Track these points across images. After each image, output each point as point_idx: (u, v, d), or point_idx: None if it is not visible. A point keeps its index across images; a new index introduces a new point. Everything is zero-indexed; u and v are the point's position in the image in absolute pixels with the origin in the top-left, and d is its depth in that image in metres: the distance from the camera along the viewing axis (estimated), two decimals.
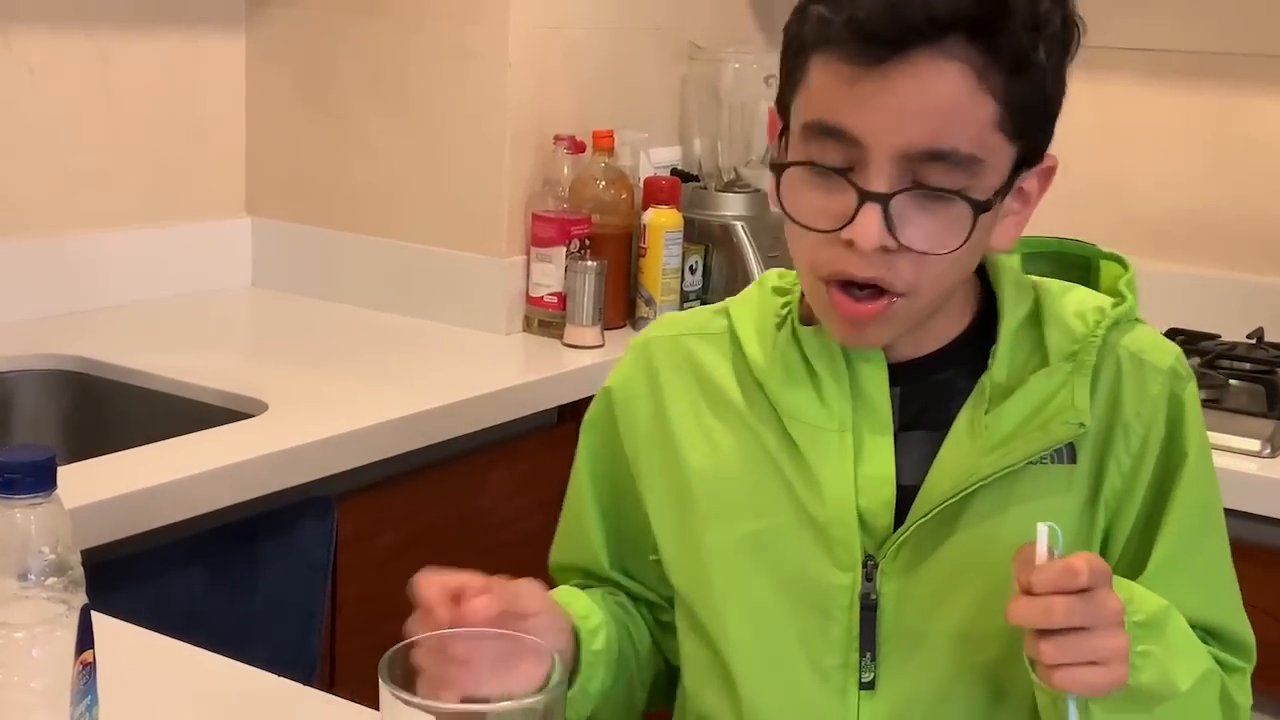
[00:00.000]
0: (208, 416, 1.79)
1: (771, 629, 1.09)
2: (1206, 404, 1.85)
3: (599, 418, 1.21)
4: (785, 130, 1.05)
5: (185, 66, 2.30)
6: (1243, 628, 1.11)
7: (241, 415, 1.78)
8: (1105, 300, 1.10)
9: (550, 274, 2.17)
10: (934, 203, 0.98)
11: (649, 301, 2.24)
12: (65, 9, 2.13)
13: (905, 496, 1.06)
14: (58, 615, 0.83)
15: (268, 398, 1.80)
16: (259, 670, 1.15)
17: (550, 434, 2.07)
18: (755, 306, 1.15)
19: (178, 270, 2.31)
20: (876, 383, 1.07)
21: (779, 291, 1.15)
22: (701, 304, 2.33)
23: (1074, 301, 1.09)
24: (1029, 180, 1.05)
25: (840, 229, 0.98)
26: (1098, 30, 2.30)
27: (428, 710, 0.80)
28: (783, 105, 1.05)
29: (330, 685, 1.73)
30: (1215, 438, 1.74)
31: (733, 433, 1.11)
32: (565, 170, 2.21)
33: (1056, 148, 2.56)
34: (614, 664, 1.13)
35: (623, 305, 2.26)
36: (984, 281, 1.11)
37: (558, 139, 2.21)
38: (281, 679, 1.14)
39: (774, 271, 1.18)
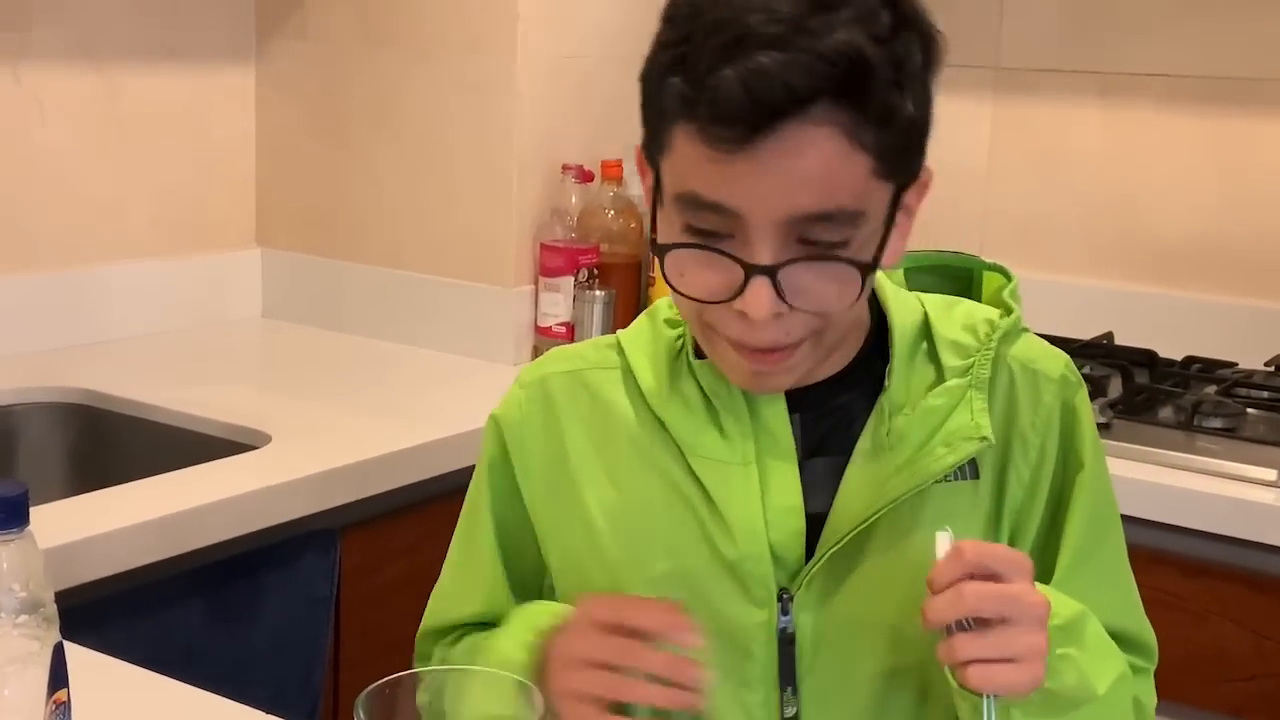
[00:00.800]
0: (212, 449, 1.78)
1: None
2: (1223, 433, 1.84)
3: (496, 456, 1.15)
4: (657, 180, 1.00)
5: (195, 99, 2.31)
6: (1144, 629, 1.11)
7: (246, 447, 1.78)
8: (992, 312, 1.08)
9: (559, 304, 2.16)
10: (822, 262, 0.95)
11: None
12: (75, 44, 2.14)
13: (814, 525, 1.04)
14: (30, 654, 0.82)
15: (272, 430, 1.80)
16: (249, 709, 1.13)
17: None
18: (648, 340, 1.11)
19: (188, 302, 2.32)
20: (776, 412, 1.05)
21: (671, 323, 1.11)
22: None
23: (961, 315, 1.08)
24: (909, 196, 1.02)
25: (731, 299, 0.95)
26: (1113, 56, 2.30)
27: None
28: (649, 153, 1.01)
29: (334, 718, 1.71)
30: (1231, 467, 1.73)
31: (637, 472, 1.08)
32: (573, 199, 2.21)
33: (1072, 175, 2.55)
34: None
35: None
36: (872, 299, 1.09)
37: (566, 168, 2.20)
38: (271, 717, 1.12)
39: (664, 300, 1.12)
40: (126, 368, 2.08)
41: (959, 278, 1.16)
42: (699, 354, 1.07)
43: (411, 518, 1.83)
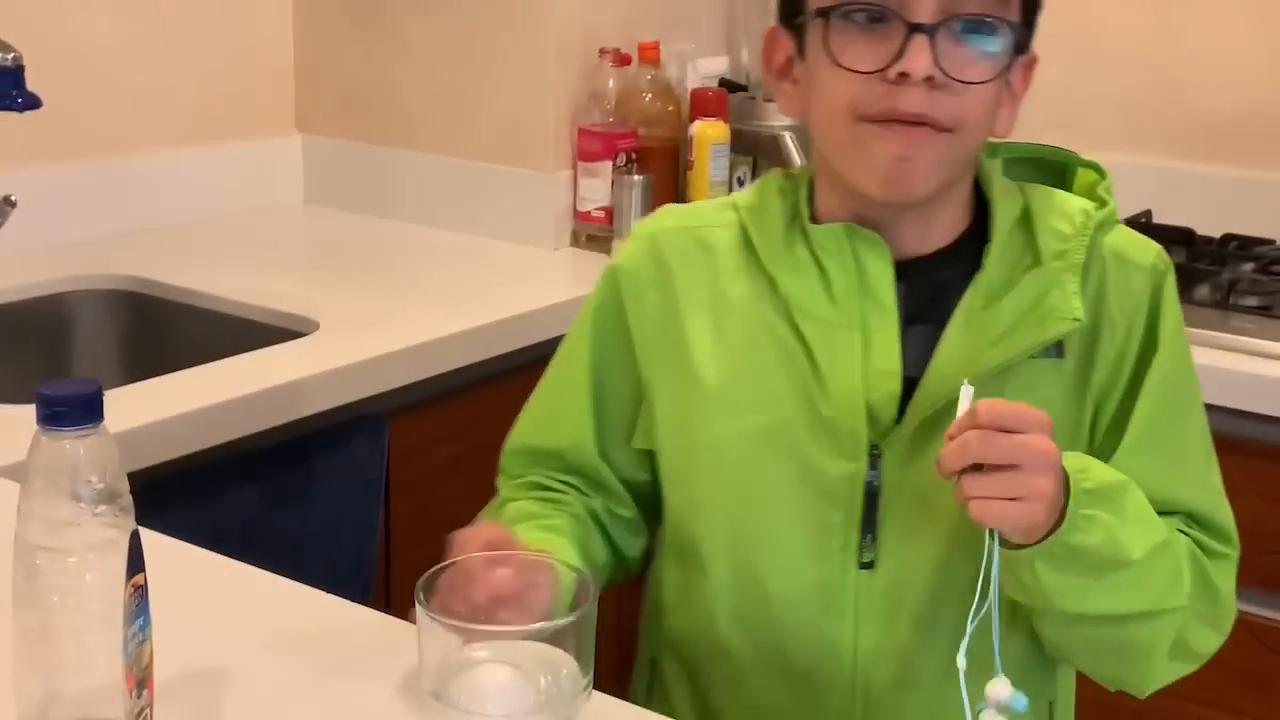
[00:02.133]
0: (261, 336, 1.82)
1: (773, 515, 1.14)
2: (1258, 311, 1.85)
3: (606, 300, 1.23)
4: (800, 28, 1.10)
5: None
6: (1221, 512, 1.16)
7: (294, 334, 1.81)
8: (1087, 204, 1.14)
9: (597, 188, 2.17)
10: (971, 36, 1.05)
11: None
12: None
13: (907, 388, 1.11)
14: (109, 541, 0.85)
15: (319, 316, 1.83)
16: (312, 589, 1.17)
17: None
18: (763, 205, 1.18)
19: (231, 188, 2.34)
20: (883, 278, 1.11)
21: (784, 191, 1.18)
22: None
23: (1059, 204, 1.14)
24: (1018, 70, 1.12)
25: (888, 67, 1.04)
26: None
27: (461, 631, 0.83)
28: (792, 7, 1.11)
29: (386, 597, 1.77)
30: (1266, 345, 1.75)
31: (744, 327, 1.15)
32: (611, 83, 2.21)
33: (1116, 50, 2.51)
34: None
35: None
36: (975, 187, 1.17)
37: (603, 52, 2.20)
38: (325, 594, 1.16)
39: (777, 172, 1.21)
40: (174, 255, 2.11)
41: (1053, 170, 1.22)
42: (815, 220, 1.15)
43: (457, 402, 1.87)
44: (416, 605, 0.86)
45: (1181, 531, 1.13)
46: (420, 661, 0.86)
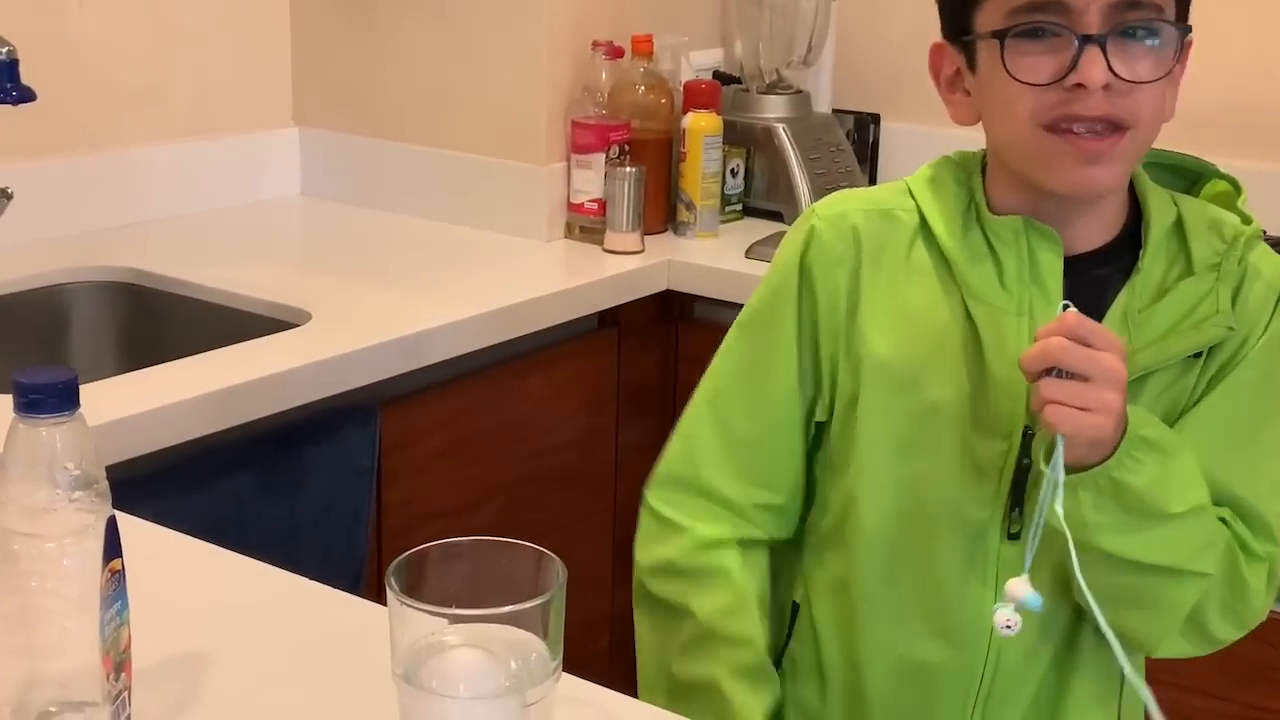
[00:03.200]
0: (254, 326, 1.83)
1: (929, 485, 1.21)
2: None
3: (792, 281, 1.26)
4: (969, 45, 1.17)
5: None
6: (1264, 511, 1.20)
7: (287, 325, 1.82)
8: (1230, 217, 1.22)
9: (590, 180, 2.19)
10: (1137, 42, 1.12)
11: (689, 206, 2.25)
12: None
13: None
14: (86, 526, 0.86)
15: (312, 307, 1.84)
16: (294, 575, 1.19)
17: (590, 339, 2.10)
18: (938, 192, 1.24)
19: (227, 181, 2.36)
20: (1053, 271, 1.18)
21: (959, 179, 1.24)
22: (743, 208, 2.35)
23: (1210, 217, 1.22)
24: (1180, 55, 1.16)
25: (1064, 77, 1.11)
26: None
27: (432, 615, 0.84)
28: (960, 25, 1.18)
29: (378, 585, 1.78)
30: None
31: (921, 307, 1.22)
32: (604, 76, 2.22)
33: None
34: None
35: (663, 210, 2.27)
36: (1130, 194, 1.23)
37: (596, 45, 2.21)
38: (308, 580, 1.17)
39: (949, 158, 1.26)
40: (170, 247, 2.13)
41: (1185, 177, 1.28)
42: (992, 211, 1.21)
43: (448, 392, 1.89)
44: (388, 590, 0.87)
45: (1223, 521, 1.18)
46: (392, 645, 0.88)
